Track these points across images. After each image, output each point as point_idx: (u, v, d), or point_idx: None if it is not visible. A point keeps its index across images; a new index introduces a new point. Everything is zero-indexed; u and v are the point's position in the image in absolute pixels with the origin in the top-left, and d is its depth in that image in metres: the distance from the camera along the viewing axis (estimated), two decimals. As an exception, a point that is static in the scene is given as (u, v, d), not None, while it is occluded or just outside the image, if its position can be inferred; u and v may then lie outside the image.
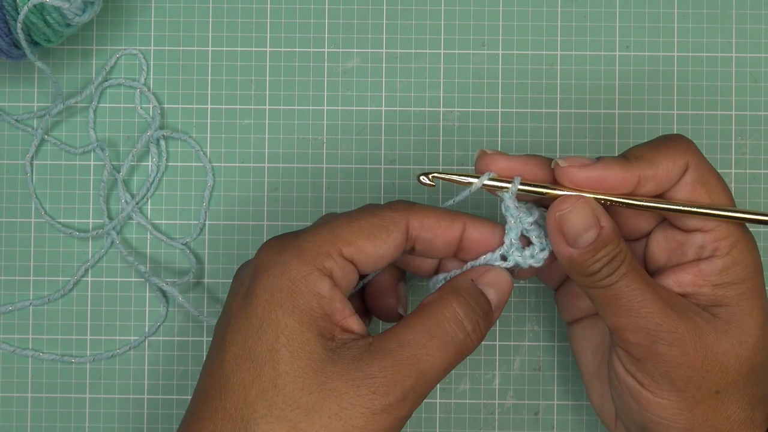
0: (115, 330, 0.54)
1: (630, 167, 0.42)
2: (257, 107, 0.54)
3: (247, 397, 0.39)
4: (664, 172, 0.42)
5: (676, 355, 0.42)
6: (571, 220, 0.42)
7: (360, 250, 0.41)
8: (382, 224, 0.42)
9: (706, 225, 0.43)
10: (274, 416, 0.39)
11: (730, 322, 0.43)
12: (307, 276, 0.40)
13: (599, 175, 0.42)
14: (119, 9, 0.55)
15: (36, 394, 0.54)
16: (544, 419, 0.54)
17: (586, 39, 0.55)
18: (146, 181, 0.54)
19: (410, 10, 0.55)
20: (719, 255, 0.43)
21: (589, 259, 0.42)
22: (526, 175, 0.43)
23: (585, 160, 0.42)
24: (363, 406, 0.39)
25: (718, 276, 0.43)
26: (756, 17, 0.55)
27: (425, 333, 0.40)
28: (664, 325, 0.42)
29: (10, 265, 0.54)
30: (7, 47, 0.49)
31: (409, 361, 0.39)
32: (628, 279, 0.42)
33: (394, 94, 0.55)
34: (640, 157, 0.42)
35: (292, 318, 0.39)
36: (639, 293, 0.42)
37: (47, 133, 0.54)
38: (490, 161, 0.44)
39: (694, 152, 0.43)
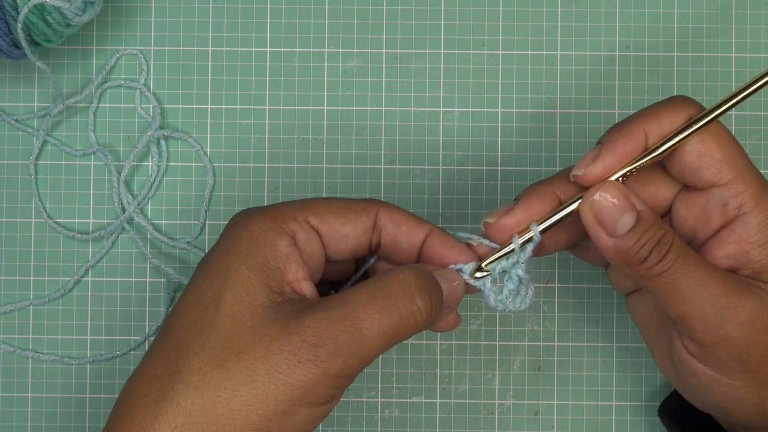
0: (115, 330, 0.54)
1: (634, 125, 0.42)
2: (257, 107, 0.55)
3: (186, 336, 0.40)
4: (667, 124, 0.42)
5: (747, 334, 0.41)
6: (604, 205, 0.41)
7: (326, 222, 0.42)
8: (352, 207, 0.43)
9: (721, 178, 0.42)
10: (204, 354, 0.39)
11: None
12: (267, 230, 0.41)
13: (612, 157, 0.42)
14: (119, 9, 0.55)
15: (36, 394, 0.54)
16: (544, 419, 0.54)
17: (586, 39, 0.55)
18: (147, 181, 0.54)
19: (410, 10, 0.55)
20: (747, 210, 0.42)
21: (634, 245, 0.41)
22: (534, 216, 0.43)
23: (592, 153, 0.42)
24: (290, 353, 0.38)
25: (760, 233, 0.42)
26: (756, 17, 0.55)
27: (367, 293, 0.40)
28: (728, 308, 0.40)
29: (10, 265, 0.54)
30: (7, 47, 0.49)
31: (346, 317, 0.39)
32: (682, 262, 0.41)
33: (394, 94, 0.55)
34: (644, 114, 0.42)
35: (244, 264, 0.40)
36: (698, 276, 0.40)
37: (48, 134, 0.54)
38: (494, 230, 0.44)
39: (698, 107, 0.43)
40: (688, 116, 0.42)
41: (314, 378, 0.38)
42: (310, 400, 0.39)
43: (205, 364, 0.39)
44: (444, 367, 0.54)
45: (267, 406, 0.38)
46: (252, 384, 0.38)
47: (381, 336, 0.39)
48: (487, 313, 0.54)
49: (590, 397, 0.54)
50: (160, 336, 0.41)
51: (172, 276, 0.53)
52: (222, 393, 0.38)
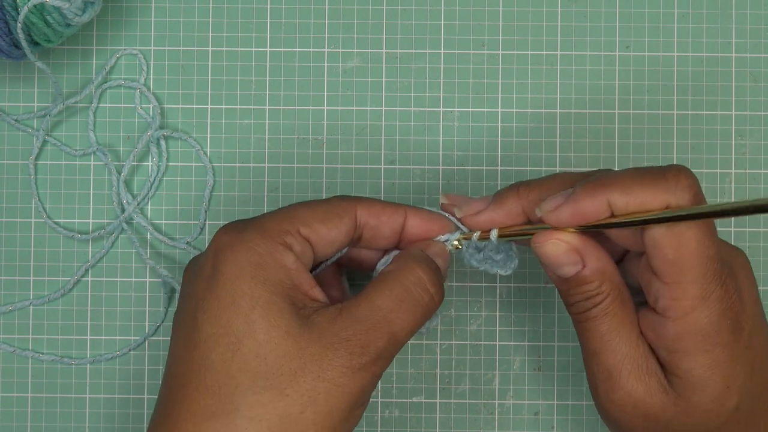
0: (115, 330, 0.54)
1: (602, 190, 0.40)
2: (257, 107, 0.54)
3: (229, 370, 0.40)
4: (635, 206, 0.40)
5: (614, 410, 0.43)
6: (544, 255, 0.42)
7: (315, 231, 0.43)
8: (334, 210, 0.44)
9: (663, 276, 0.40)
10: (259, 386, 0.40)
11: (680, 394, 0.42)
12: (272, 251, 0.41)
13: (573, 210, 0.41)
14: (119, 9, 0.55)
15: (36, 394, 0.54)
16: (544, 419, 0.54)
17: (586, 39, 0.55)
18: (147, 181, 0.54)
19: (410, 10, 0.55)
20: (670, 317, 0.41)
21: (566, 290, 0.43)
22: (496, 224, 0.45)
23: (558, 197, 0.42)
24: (343, 366, 0.40)
25: (672, 343, 0.41)
26: (756, 17, 0.55)
27: (394, 298, 0.42)
28: (608, 383, 0.42)
29: (10, 265, 0.54)
30: (7, 47, 0.49)
31: (381, 324, 0.41)
32: (595, 324, 0.42)
33: (394, 94, 0.55)
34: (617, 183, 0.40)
35: (264, 289, 0.41)
36: (601, 342, 0.42)
37: (48, 134, 0.54)
38: (465, 223, 0.46)
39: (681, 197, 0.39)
40: (664, 205, 0.39)
41: (367, 382, 0.41)
42: (363, 401, 0.42)
43: (263, 395, 0.40)
44: (444, 367, 0.54)
45: (332, 418, 0.40)
46: (315, 403, 0.40)
47: (410, 333, 0.43)
48: (487, 313, 0.54)
49: (590, 397, 0.54)
50: (189, 373, 0.41)
51: (166, 277, 0.53)
52: (288, 419, 0.40)
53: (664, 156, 0.54)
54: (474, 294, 0.54)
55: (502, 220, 0.44)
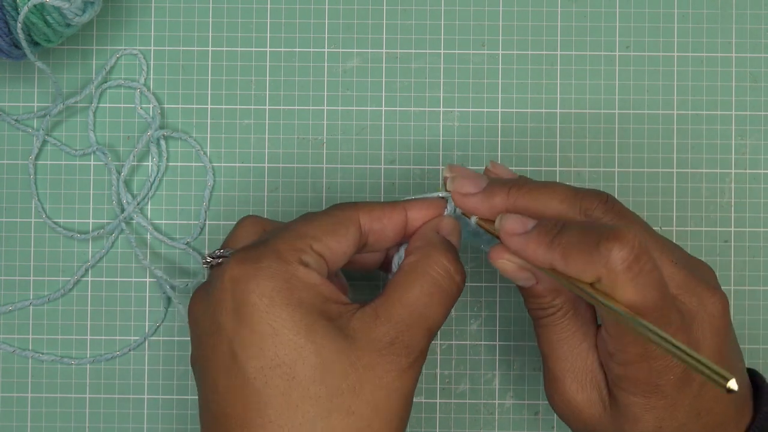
0: (115, 330, 0.54)
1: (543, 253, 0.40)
2: (257, 107, 0.54)
3: (289, 402, 0.39)
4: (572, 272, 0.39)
5: (560, 409, 0.45)
6: (501, 269, 0.43)
7: (326, 245, 0.42)
8: (339, 221, 0.43)
9: (612, 331, 0.41)
10: (325, 410, 0.39)
11: (617, 418, 0.43)
12: (295, 272, 0.41)
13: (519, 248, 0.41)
14: (119, 9, 0.55)
15: (36, 394, 0.54)
16: (544, 419, 0.54)
17: (586, 39, 0.55)
18: (147, 181, 0.54)
19: (410, 10, 0.55)
20: (614, 360, 0.42)
21: (523, 296, 0.45)
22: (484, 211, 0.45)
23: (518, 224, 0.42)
24: (394, 370, 0.41)
25: (614, 378, 0.43)
26: (756, 17, 0.55)
27: (426, 293, 0.42)
28: (555, 383, 0.45)
29: (10, 265, 0.54)
30: (7, 47, 0.49)
31: (419, 322, 0.42)
32: (547, 330, 0.44)
33: (394, 94, 0.55)
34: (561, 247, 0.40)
35: (302, 312, 0.40)
36: (548, 348, 0.45)
37: (48, 134, 0.54)
38: (453, 199, 0.46)
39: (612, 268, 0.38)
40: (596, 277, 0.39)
41: (415, 379, 0.42)
42: (413, 393, 0.42)
43: (331, 419, 0.39)
44: (444, 367, 0.54)
45: (394, 421, 0.41)
46: (379, 412, 0.40)
47: (443, 321, 0.43)
48: (487, 313, 0.54)
49: (590, 397, 0.54)
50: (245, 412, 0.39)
51: (161, 279, 0.53)
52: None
53: (664, 156, 0.54)
54: (474, 294, 0.54)
55: (485, 213, 0.45)
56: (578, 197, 0.43)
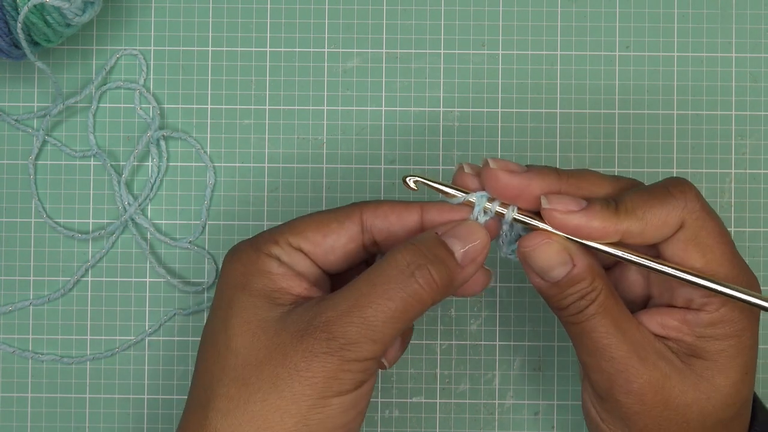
0: (115, 330, 0.54)
1: (616, 220, 0.41)
2: (257, 107, 0.54)
3: (207, 366, 0.42)
4: (653, 229, 0.41)
5: (633, 403, 0.42)
6: (536, 258, 0.42)
7: (307, 238, 0.43)
8: (334, 217, 0.43)
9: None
10: (228, 378, 0.40)
11: (703, 376, 0.42)
12: (255, 259, 0.42)
13: (579, 224, 0.41)
14: (119, 9, 0.55)
15: (36, 394, 0.54)
16: (544, 419, 0.54)
17: (586, 39, 0.55)
18: (147, 181, 0.54)
19: (410, 10, 0.55)
20: (708, 310, 0.42)
21: (558, 294, 0.42)
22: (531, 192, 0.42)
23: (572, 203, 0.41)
24: (305, 350, 0.39)
25: (703, 329, 0.42)
26: (756, 17, 0.55)
27: (367, 282, 0.40)
28: (624, 374, 0.42)
29: (10, 265, 0.54)
30: (7, 47, 0.49)
31: (351, 309, 0.40)
32: (596, 320, 0.42)
33: (394, 94, 0.55)
34: (630, 211, 0.41)
35: (244, 293, 0.42)
36: (605, 336, 0.42)
37: (48, 134, 0.54)
38: (491, 178, 0.42)
39: (692, 208, 0.41)
40: (680, 222, 0.41)
41: (332, 366, 0.39)
42: (336, 389, 0.40)
43: (230, 387, 0.40)
44: (444, 367, 0.54)
45: (297, 405, 0.39)
46: (277, 389, 0.40)
47: (389, 320, 0.40)
48: (487, 313, 0.54)
49: (590, 397, 0.54)
50: (192, 380, 0.43)
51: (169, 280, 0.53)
52: (252, 407, 0.40)
53: (664, 156, 0.54)
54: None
55: (536, 191, 0.42)
56: (619, 179, 0.43)
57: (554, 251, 0.41)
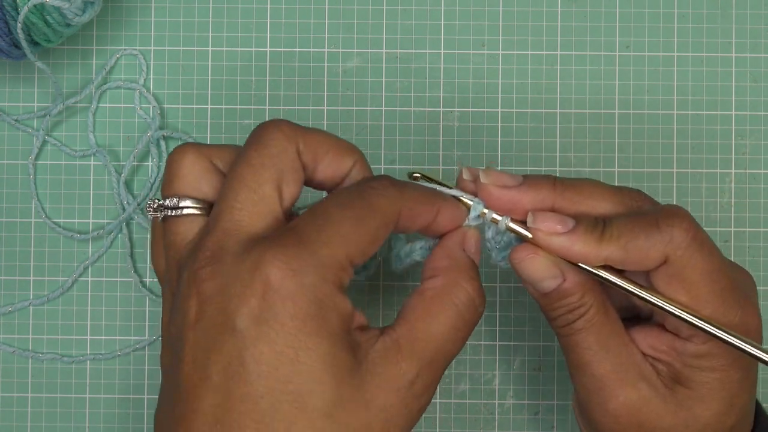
0: (115, 330, 0.54)
1: (597, 246, 0.40)
2: (257, 107, 0.54)
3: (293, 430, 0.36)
4: (634, 261, 0.40)
5: (609, 423, 0.42)
6: (525, 270, 0.41)
7: (364, 256, 0.39)
8: (384, 224, 0.39)
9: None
10: None
11: (683, 404, 0.42)
12: (332, 297, 0.37)
13: (561, 246, 0.40)
14: (119, 9, 0.55)
15: (36, 394, 0.54)
16: (544, 419, 0.54)
17: (586, 39, 0.55)
18: (147, 181, 0.54)
19: (410, 10, 0.55)
20: (694, 342, 0.41)
21: (548, 304, 0.42)
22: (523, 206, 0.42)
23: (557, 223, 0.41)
24: (408, 413, 0.38)
25: (690, 359, 0.42)
26: (756, 17, 0.55)
27: (451, 326, 0.39)
28: (602, 392, 0.42)
29: (10, 265, 0.54)
30: (7, 47, 0.49)
31: (440, 357, 0.39)
32: (582, 336, 0.42)
33: (394, 94, 0.55)
34: (614, 238, 0.40)
35: (329, 342, 0.37)
36: (589, 353, 0.42)
37: (48, 134, 0.54)
38: (484, 191, 0.42)
39: (678, 244, 0.40)
40: (663, 257, 0.40)
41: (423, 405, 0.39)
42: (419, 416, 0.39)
43: None
44: (444, 367, 0.54)
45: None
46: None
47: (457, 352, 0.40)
48: (487, 313, 0.54)
49: (590, 397, 0.54)
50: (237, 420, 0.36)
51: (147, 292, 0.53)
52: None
53: (664, 156, 0.54)
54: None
55: (525, 207, 0.41)
56: (620, 192, 0.43)
57: (543, 265, 0.41)
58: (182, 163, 0.40)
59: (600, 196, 0.42)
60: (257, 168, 0.39)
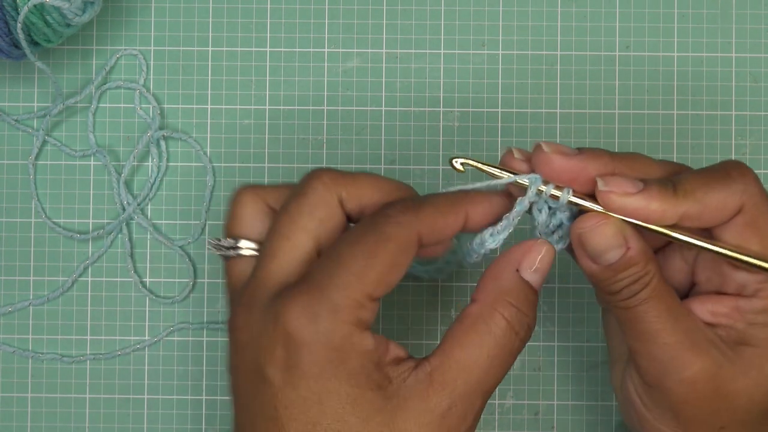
0: (115, 330, 0.54)
1: (675, 202, 0.40)
2: (257, 107, 0.54)
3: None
4: (712, 212, 0.40)
5: (685, 392, 0.41)
6: (591, 240, 0.40)
7: (387, 285, 0.39)
8: (400, 250, 0.39)
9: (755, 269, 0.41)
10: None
11: (753, 363, 0.41)
12: (349, 338, 0.38)
13: (638, 206, 0.40)
14: (119, 9, 0.55)
15: (36, 394, 0.54)
16: (544, 419, 0.54)
17: (586, 39, 0.55)
18: (147, 181, 0.54)
19: (410, 10, 0.55)
20: (761, 296, 0.41)
21: (611, 277, 0.41)
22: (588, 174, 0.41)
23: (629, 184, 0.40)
24: None
25: (755, 315, 0.41)
26: (756, 17, 0.55)
27: (487, 356, 0.39)
28: (677, 361, 0.41)
29: (10, 265, 0.54)
30: (7, 47, 0.49)
31: (476, 388, 0.39)
32: (649, 305, 0.41)
33: (394, 94, 0.55)
34: (689, 193, 0.40)
35: (349, 384, 0.37)
36: (658, 322, 0.41)
37: (48, 134, 0.54)
38: (545, 162, 0.41)
39: (752, 192, 0.40)
40: (739, 206, 0.40)
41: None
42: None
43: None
44: (444, 367, 0.54)
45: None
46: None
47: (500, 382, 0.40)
48: (487, 313, 0.54)
49: (590, 397, 0.54)
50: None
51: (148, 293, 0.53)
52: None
53: (664, 156, 0.54)
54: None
55: (593, 173, 0.40)
56: (667, 164, 0.42)
57: (611, 233, 0.40)
58: (238, 204, 0.42)
59: (652, 166, 0.42)
60: (294, 217, 0.40)
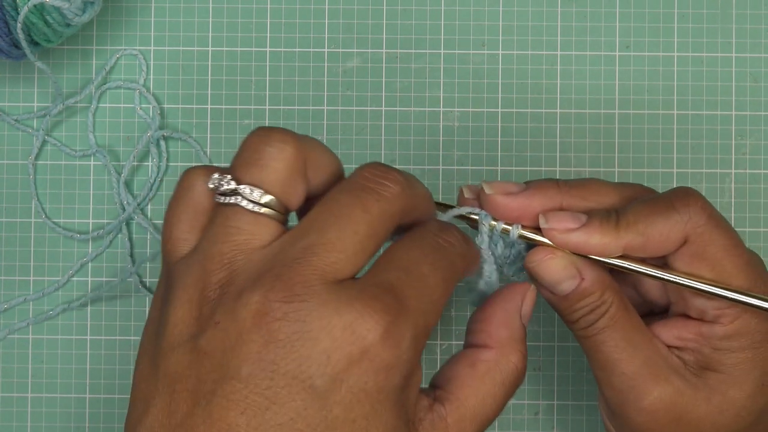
0: (115, 330, 0.54)
1: (616, 235, 0.40)
2: (257, 107, 0.54)
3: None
4: (655, 244, 0.40)
5: (645, 420, 0.41)
6: (542, 273, 0.41)
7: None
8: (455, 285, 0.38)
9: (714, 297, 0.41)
10: None
11: (717, 389, 0.41)
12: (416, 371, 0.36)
13: (579, 241, 0.40)
14: (119, 9, 0.55)
15: (36, 394, 0.54)
16: (544, 419, 0.54)
17: (586, 39, 0.55)
18: (147, 181, 0.54)
19: (410, 10, 0.55)
20: (722, 323, 0.41)
21: (568, 307, 0.41)
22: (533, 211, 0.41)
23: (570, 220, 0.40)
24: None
25: (719, 342, 0.41)
26: (756, 17, 0.55)
27: (498, 405, 0.38)
28: (635, 390, 0.41)
29: (10, 265, 0.54)
30: (7, 47, 0.49)
31: (482, 427, 0.38)
32: (606, 334, 0.41)
33: (394, 94, 0.55)
34: (632, 225, 0.40)
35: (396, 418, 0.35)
36: (615, 351, 0.41)
37: (48, 134, 0.54)
38: (489, 203, 0.41)
39: (696, 222, 0.40)
40: (683, 237, 0.40)
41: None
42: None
43: None
44: (444, 367, 0.54)
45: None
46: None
47: None
48: (487, 313, 0.54)
49: (590, 397, 0.54)
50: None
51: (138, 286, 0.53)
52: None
53: (664, 156, 0.54)
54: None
55: (537, 209, 0.41)
56: (623, 187, 0.42)
57: (561, 266, 0.40)
58: (281, 154, 0.35)
59: (605, 191, 0.42)
60: (375, 218, 0.34)
